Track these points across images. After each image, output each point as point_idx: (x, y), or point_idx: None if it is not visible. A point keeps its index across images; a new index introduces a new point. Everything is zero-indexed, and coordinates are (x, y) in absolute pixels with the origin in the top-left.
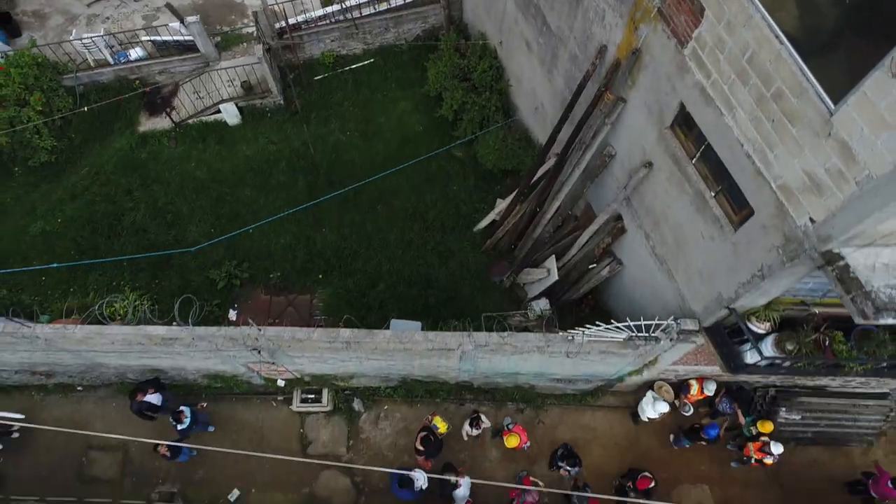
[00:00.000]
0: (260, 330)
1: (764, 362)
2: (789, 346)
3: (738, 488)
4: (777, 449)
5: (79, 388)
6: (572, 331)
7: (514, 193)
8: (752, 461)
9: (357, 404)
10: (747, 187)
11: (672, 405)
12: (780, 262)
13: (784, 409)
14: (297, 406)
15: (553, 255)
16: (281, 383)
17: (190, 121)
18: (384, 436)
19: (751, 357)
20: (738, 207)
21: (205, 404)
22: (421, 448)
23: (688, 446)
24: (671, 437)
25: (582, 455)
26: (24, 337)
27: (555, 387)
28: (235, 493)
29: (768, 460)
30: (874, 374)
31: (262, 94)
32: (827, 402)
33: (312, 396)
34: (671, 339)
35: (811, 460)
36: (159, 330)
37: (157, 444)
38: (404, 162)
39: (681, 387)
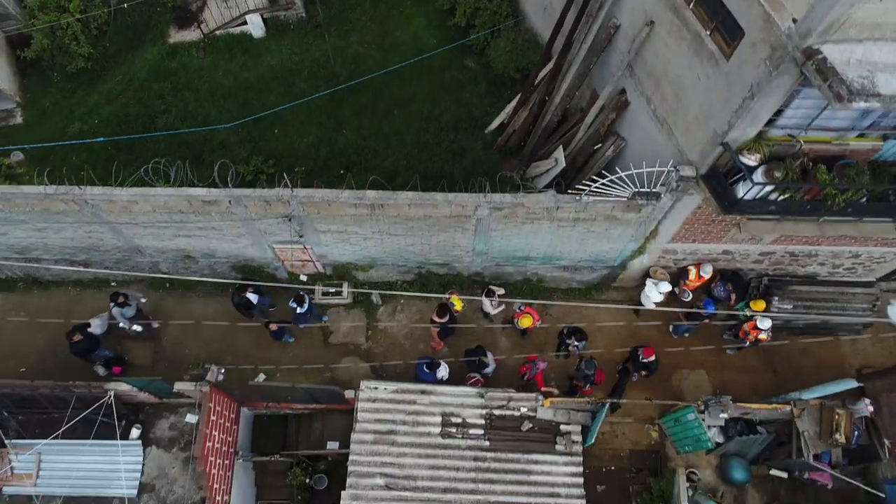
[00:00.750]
0: (292, 190)
1: (754, 191)
2: (777, 174)
3: (733, 373)
4: (764, 324)
5: (112, 283)
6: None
7: (522, 91)
8: (748, 340)
9: (375, 297)
10: (738, 10)
11: (672, 293)
12: (767, 74)
13: (776, 298)
14: (319, 299)
15: (560, 146)
16: (304, 278)
17: (217, 32)
18: (400, 327)
19: (743, 189)
20: (730, 38)
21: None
22: (437, 319)
23: (687, 335)
24: (670, 327)
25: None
26: (74, 201)
27: (561, 278)
28: (261, 376)
29: (762, 335)
30: (854, 212)
31: (286, 6)
32: (817, 290)
33: (333, 290)
34: (671, 192)
35: (803, 349)
36: (199, 191)
37: (268, 322)
38: (419, 72)
39: (679, 275)
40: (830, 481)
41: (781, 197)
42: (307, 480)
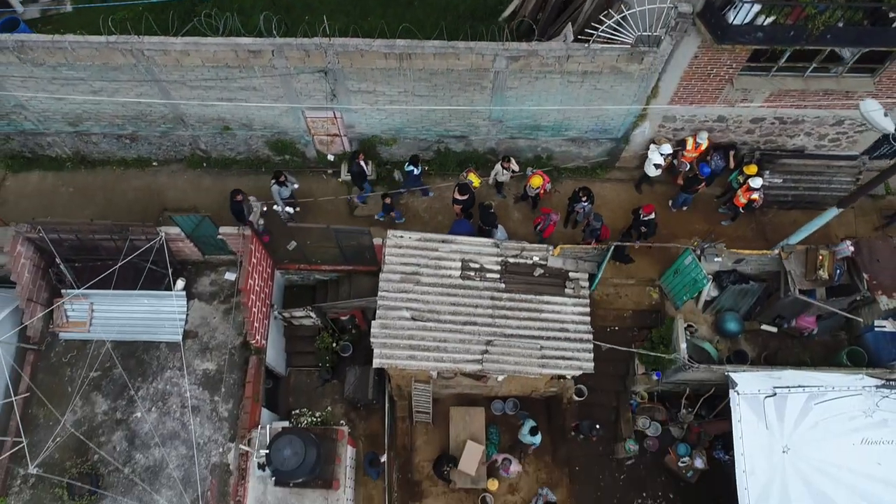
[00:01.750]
0: (329, 38)
1: (743, 13)
2: None
3: (727, 243)
4: (756, 182)
5: (154, 164)
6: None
7: None
8: (741, 207)
9: (397, 175)
10: None
11: (671, 166)
12: None
13: (767, 172)
14: (344, 176)
15: (569, 23)
16: (331, 158)
17: None
18: (420, 201)
19: (733, 14)
20: None
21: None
22: (459, 196)
23: (685, 209)
24: (670, 202)
25: None
26: (131, 52)
27: (569, 154)
28: (293, 243)
29: (755, 195)
30: (833, 38)
31: None
32: (804, 163)
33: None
34: (670, 33)
35: (792, 221)
36: (246, 40)
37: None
38: None
39: (677, 150)
40: (815, 325)
41: (768, 20)
42: (334, 345)
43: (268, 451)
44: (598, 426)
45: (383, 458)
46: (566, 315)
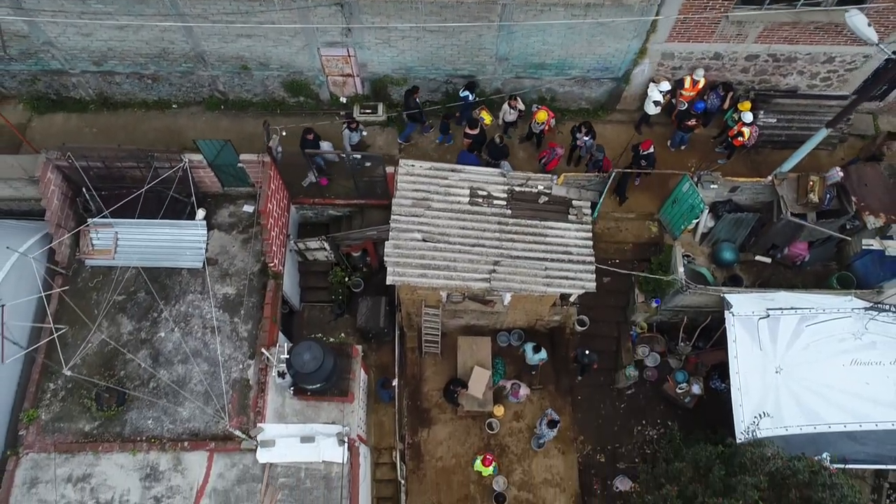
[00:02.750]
0: None
1: None
2: None
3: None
4: (747, 118)
5: (174, 105)
6: None
7: None
8: (736, 143)
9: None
10: None
11: (670, 106)
12: None
13: (762, 112)
14: (358, 114)
15: None
16: (343, 100)
17: None
18: (429, 142)
19: None
20: None
21: None
22: (469, 131)
23: (683, 148)
24: (668, 142)
25: None
26: None
27: (571, 94)
28: (307, 179)
29: (746, 129)
30: None
31: None
32: (797, 102)
33: (370, 110)
34: None
35: (784, 160)
36: None
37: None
38: None
39: (674, 89)
40: (806, 252)
41: None
42: (346, 280)
43: (288, 357)
44: (588, 352)
45: (395, 383)
46: (569, 239)
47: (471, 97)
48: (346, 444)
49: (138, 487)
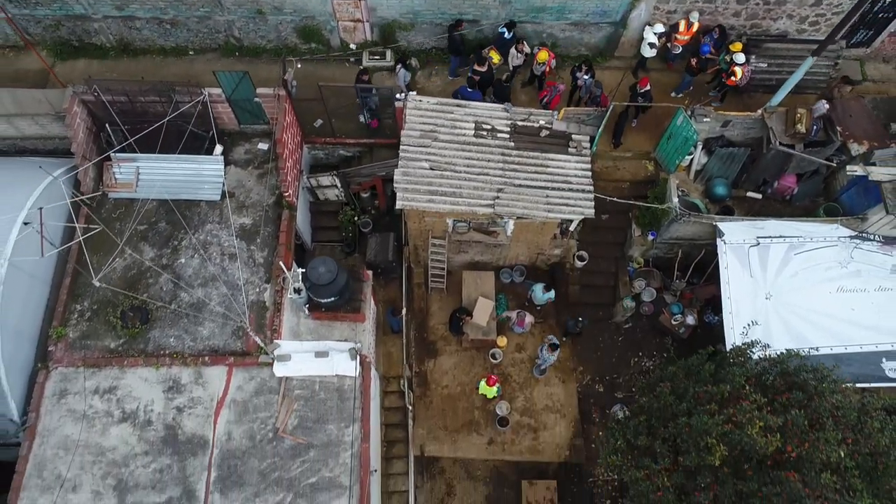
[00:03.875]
0: None
1: None
2: None
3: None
4: (740, 58)
5: (191, 52)
6: None
7: None
8: (729, 82)
9: (413, 61)
10: None
11: (665, 49)
12: None
13: (753, 56)
14: (367, 61)
15: None
16: (353, 46)
17: None
18: (434, 86)
19: None
20: None
21: None
22: (477, 68)
23: (679, 96)
24: (672, 93)
25: None
26: None
27: (571, 40)
28: (319, 121)
29: (738, 69)
30: None
31: None
32: (787, 47)
33: (378, 56)
34: None
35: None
36: None
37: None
38: None
39: (669, 33)
40: (795, 185)
41: None
42: (356, 219)
43: (304, 270)
44: (580, 319)
45: (402, 313)
46: (569, 170)
47: (507, 35)
48: (358, 359)
49: (162, 398)
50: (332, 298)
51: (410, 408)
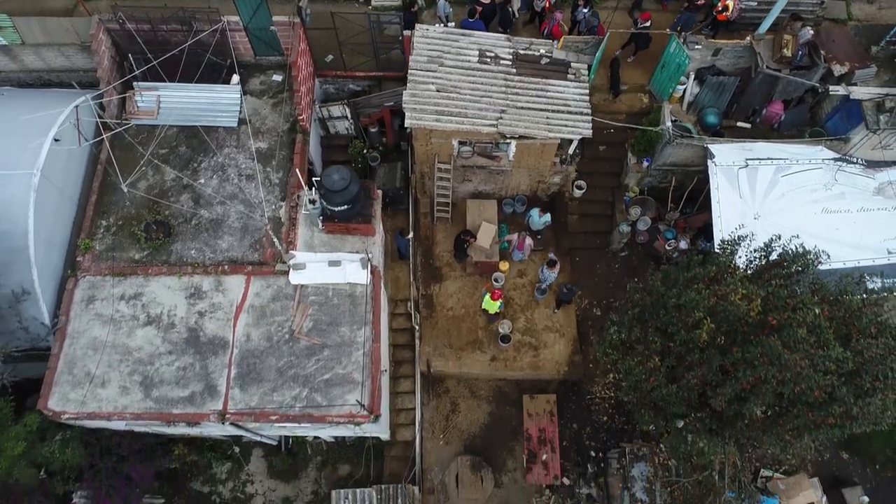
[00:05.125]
0: None
1: None
2: None
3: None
4: None
5: None
6: None
7: None
8: (720, 16)
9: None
10: None
11: None
12: None
13: None
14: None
15: None
16: None
17: None
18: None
19: None
20: None
21: None
22: (483, 0)
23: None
24: (667, 29)
25: None
26: None
27: None
28: (330, 56)
29: (730, 2)
30: None
31: None
32: None
33: None
34: None
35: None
36: None
37: None
38: None
39: None
40: (782, 111)
41: None
42: (365, 152)
43: (318, 178)
44: (573, 287)
45: (409, 236)
46: (568, 94)
47: None
48: (369, 268)
49: (184, 304)
50: (346, 206)
51: (417, 327)
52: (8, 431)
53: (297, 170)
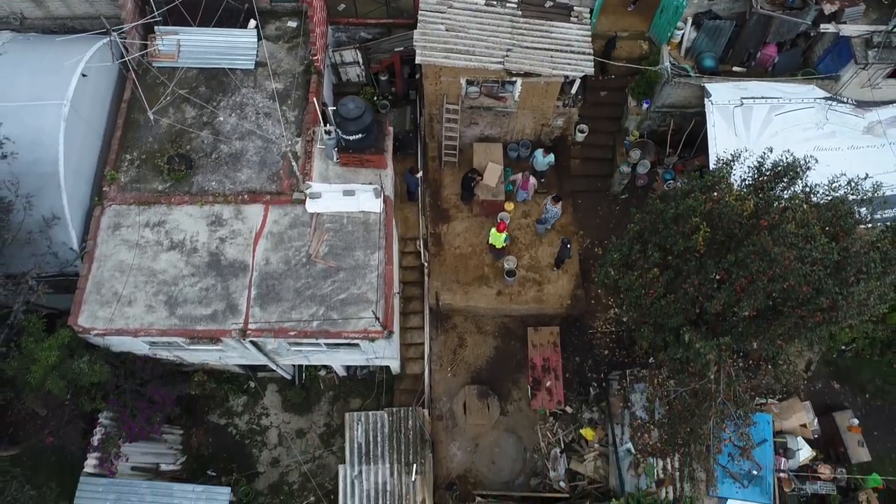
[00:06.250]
0: None
1: None
2: None
3: None
4: None
5: None
6: None
7: None
8: None
9: None
10: None
11: None
12: None
13: None
14: None
15: None
16: None
17: None
18: None
19: None
20: None
21: None
22: None
23: None
24: None
25: None
26: None
27: None
28: (342, 5)
29: None
30: None
31: None
32: None
33: None
34: None
35: None
36: None
37: None
38: None
39: None
40: (776, 54)
41: None
42: (375, 98)
43: (335, 108)
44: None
45: (419, 175)
46: (571, 35)
47: None
48: (381, 197)
49: (206, 231)
50: (360, 135)
51: (426, 264)
52: (41, 343)
53: (315, 98)
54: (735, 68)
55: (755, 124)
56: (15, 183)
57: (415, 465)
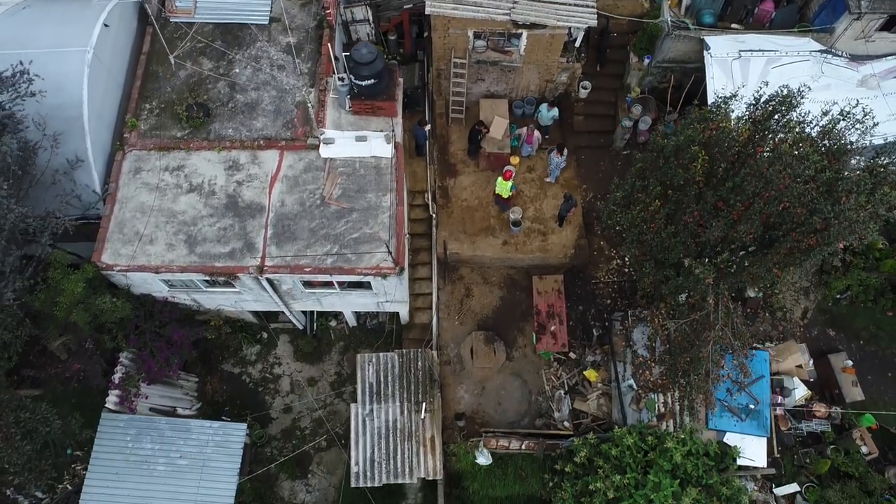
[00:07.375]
0: None
1: None
2: None
3: None
4: None
5: None
6: None
7: None
8: None
9: None
10: None
11: None
12: None
13: None
14: None
15: None
16: None
17: None
18: None
19: None
20: None
21: None
22: None
23: None
24: None
25: None
26: None
27: None
28: None
29: None
30: None
31: None
32: None
33: None
34: None
35: None
36: None
37: None
38: None
39: None
40: (773, 9)
41: None
42: (387, 58)
43: (348, 54)
44: (572, 197)
45: (427, 127)
46: None
47: None
48: (392, 143)
49: (223, 175)
50: (372, 81)
51: (434, 216)
52: (68, 276)
53: (329, 45)
54: (733, 25)
55: (752, 77)
56: (43, 122)
57: (424, 404)
